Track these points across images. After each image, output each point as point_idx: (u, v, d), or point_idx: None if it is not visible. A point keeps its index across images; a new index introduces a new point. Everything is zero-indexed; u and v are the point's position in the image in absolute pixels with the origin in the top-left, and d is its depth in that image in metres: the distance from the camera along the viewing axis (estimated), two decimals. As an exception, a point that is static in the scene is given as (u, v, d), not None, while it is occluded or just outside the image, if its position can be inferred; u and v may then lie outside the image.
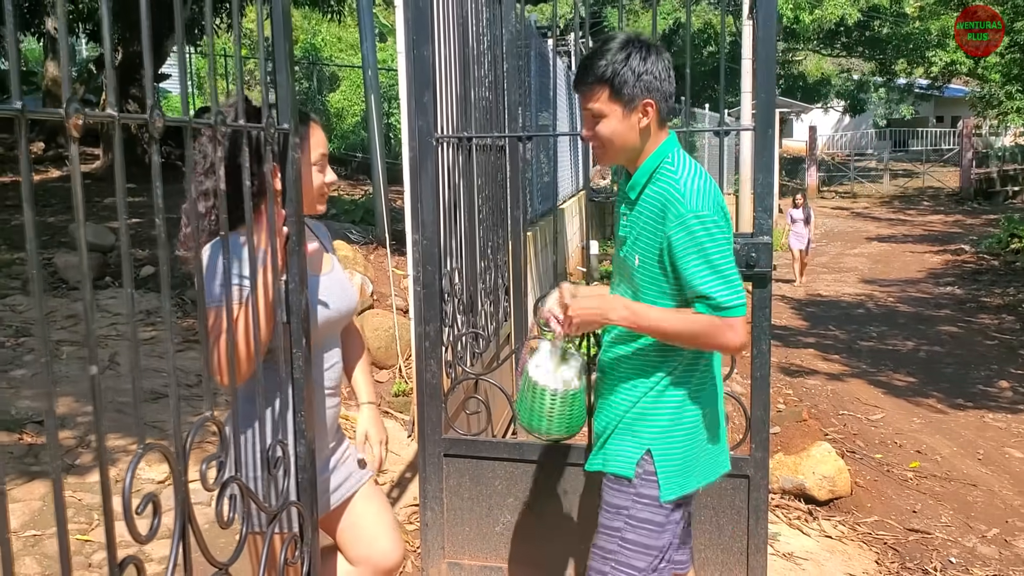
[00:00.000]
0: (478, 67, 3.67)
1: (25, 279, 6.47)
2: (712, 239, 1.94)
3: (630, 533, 2.06)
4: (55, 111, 1.12)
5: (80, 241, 1.18)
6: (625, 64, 1.95)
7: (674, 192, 1.97)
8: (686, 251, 1.95)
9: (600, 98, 1.98)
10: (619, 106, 1.98)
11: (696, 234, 1.94)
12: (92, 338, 1.20)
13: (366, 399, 2.29)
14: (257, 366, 1.74)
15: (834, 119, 37.64)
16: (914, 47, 28.13)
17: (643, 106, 1.98)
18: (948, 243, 17.76)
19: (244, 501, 1.62)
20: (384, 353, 5.42)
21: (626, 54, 1.96)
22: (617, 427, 2.11)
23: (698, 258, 1.95)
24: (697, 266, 1.95)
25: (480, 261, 3.62)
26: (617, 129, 2.00)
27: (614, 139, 2.01)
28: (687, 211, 1.94)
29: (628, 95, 1.96)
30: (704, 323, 1.98)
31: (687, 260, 1.95)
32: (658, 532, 2.06)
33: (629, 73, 1.95)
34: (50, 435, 1.13)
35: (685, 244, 1.94)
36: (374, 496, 2.26)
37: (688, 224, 1.93)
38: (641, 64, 1.96)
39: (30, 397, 4.43)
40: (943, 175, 30.34)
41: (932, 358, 8.70)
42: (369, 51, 7.12)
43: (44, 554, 3.21)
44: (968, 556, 4.28)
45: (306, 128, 2.00)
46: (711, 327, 1.97)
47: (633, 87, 1.96)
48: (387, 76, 14.01)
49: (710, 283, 1.95)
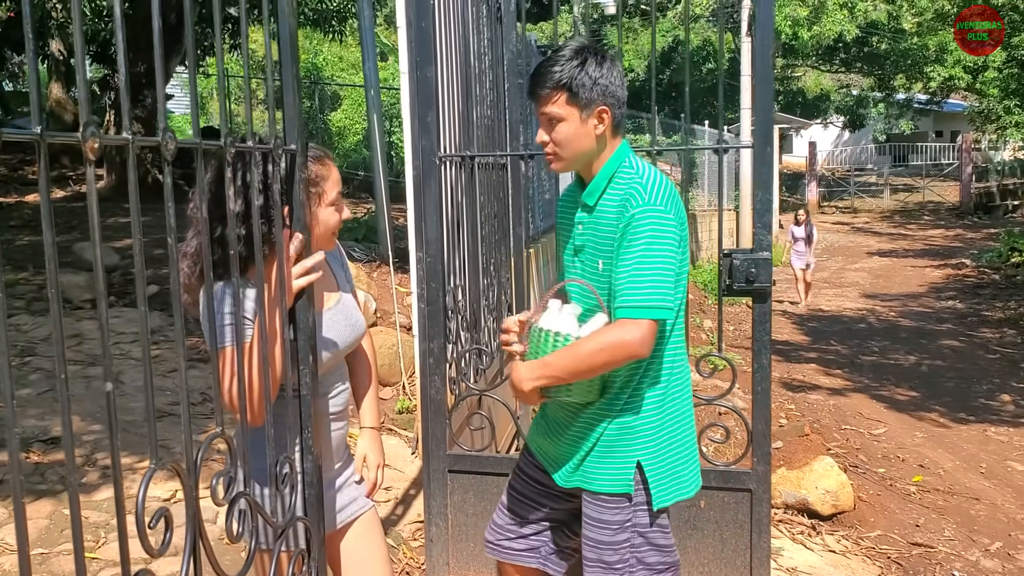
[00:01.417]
0: (480, 86, 3.71)
1: (29, 299, 6.50)
2: (658, 237, 1.94)
3: (638, 539, 2.07)
4: (73, 135, 1.15)
5: (96, 261, 1.21)
6: (582, 69, 1.99)
7: (635, 189, 1.98)
8: (629, 245, 1.95)
9: (558, 102, 2.00)
10: (576, 110, 2.00)
11: (643, 230, 1.94)
12: (108, 356, 1.23)
13: (369, 423, 2.31)
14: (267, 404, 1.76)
15: (834, 134, 37.75)
16: (912, 62, 28.27)
17: (598, 112, 2.01)
18: (949, 257, 17.80)
19: (252, 516, 1.64)
20: (388, 371, 5.44)
21: (581, 59, 2.00)
22: (596, 445, 2.08)
23: (635, 253, 1.94)
24: (628, 260, 1.95)
25: (483, 278, 3.65)
26: (572, 134, 2.02)
27: (569, 144, 2.03)
28: (641, 205, 1.95)
29: (585, 99, 1.99)
30: (610, 328, 1.98)
31: (626, 253, 1.95)
32: (666, 532, 2.10)
33: (586, 78, 1.99)
34: (68, 453, 1.15)
35: (631, 238, 1.95)
36: (372, 529, 2.24)
37: (637, 218, 1.94)
38: (597, 70, 2.00)
39: (35, 416, 4.45)
40: (943, 189, 30.42)
41: (934, 372, 8.72)
42: (371, 71, 7.18)
43: (51, 572, 3.23)
44: (971, 570, 4.28)
45: (325, 168, 2.02)
46: (615, 326, 1.96)
47: (590, 91, 1.99)
48: (388, 95, 14.10)
49: (633, 279, 1.94)
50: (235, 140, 1.60)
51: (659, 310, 1.94)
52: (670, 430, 2.09)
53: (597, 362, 1.97)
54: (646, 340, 1.94)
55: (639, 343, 1.93)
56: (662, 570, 2.11)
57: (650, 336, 1.94)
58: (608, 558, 2.09)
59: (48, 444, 4.16)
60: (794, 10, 24.45)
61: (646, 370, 2.07)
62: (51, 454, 4.07)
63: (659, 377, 2.08)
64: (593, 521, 2.10)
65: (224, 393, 1.84)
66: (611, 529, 2.08)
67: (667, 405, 2.09)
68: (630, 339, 1.93)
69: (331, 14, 13.61)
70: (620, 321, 1.95)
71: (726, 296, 2.73)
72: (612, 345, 1.95)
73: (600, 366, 1.98)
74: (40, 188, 1.12)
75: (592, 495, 2.10)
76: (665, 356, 2.09)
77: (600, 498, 2.09)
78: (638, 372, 2.07)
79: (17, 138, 1.09)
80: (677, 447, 2.10)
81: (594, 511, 2.10)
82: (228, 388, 1.84)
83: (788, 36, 24.90)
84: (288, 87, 1.90)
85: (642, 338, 1.93)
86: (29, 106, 1.13)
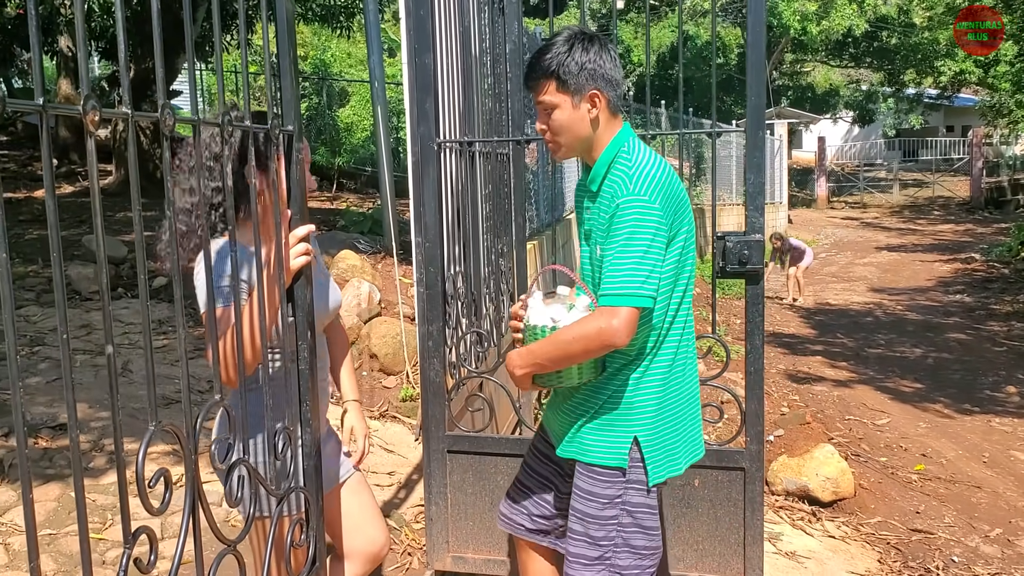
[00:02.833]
0: (482, 77, 3.76)
1: (39, 290, 6.59)
2: (640, 227, 1.96)
3: (627, 518, 2.09)
4: (74, 108, 1.21)
5: (96, 219, 1.26)
6: (568, 55, 2.03)
7: (623, 178, 2.02)
8: (613, 235, 1.98)
9: (548, 90, 2.05)
10: (567, 96, 2.05)
11: (625, 220, 1.96)
12: (108, 320, 1.29)
13: (351, 396, 2.39)
14: (264, 356, 1.83)
15: (843, 129, 37.66)
16: (923, 57, 28.19)
17: (590, 96, 2.05)
18: (958, 252, 17.75)
19: (252, 483, 1.70)
20: (392, 359, 5.50)
21: (569, 46, 2.04)
22: (594, 417, 2.11)
23: (616, 243, 1.97)
24: (611, 249, 1.98)
25: (485, 266, 3.70)
26: (567, 121, 2.06)
27: (565, 130, 2.08)
28: (625, 195, 1.98)
29: (574, 85, 2.03)
30: (589, 317, 2.01)
31: (609, 243, 1.99)
32: (653, 513, 2.12)
33: (573, 64, 2.03)
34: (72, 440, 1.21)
35: (614, 228, 1.98)
36: (359, 489, 2.35)
37: (621, 208, 1.97)
38: (584, 55, 2.03)
39: (44, 403, 4.53)
40: (953, 184, 30.32)
41: (940, 364, 8.73)
42: (376, 64, 7.22)
43: (59, 551, 3.30)
44: (971, 555, 4.31)
45: None
46: (593, 315, 2.00)
47: (578, 76, 2.03)
48: (395, 91, 14.15)
49: (613, 268, 1.96)
50: (232, 119, 1.65)
51: (637, 298, 1.95)
52: (670, 411, 2.12)
53: (576, 350, 2.01)
54: (622, 329, 1.94)
55: (614, 331, 1.94)
56: (646, 555, 2.13)
57: (628, 325, 1.95)
58: (594, 532, 2.11)
59: (56, 430, 4.23)
60: (803, 5, 24.44)
61: (645, 355, 2.10)
62: (59, 440, 4.14)
63: (658, 362, 2.11)
64: (583, 493, 2.13)
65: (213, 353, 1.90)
66: (600, 502, 2.10)
67: (669, 388, 2.12)
68: (606, 327, 1.95)
69: (339, 10, 13.65)
70: (600, 309, 1.98)
71: (721, 279, 2.77)
72: (588, 334, 1.98)
73: (579, 354, 2.02)
74: (43, 157, 1.18)
75: (585, 467, 2.13)
76: (666, 341, 2.12)
77: (593, 470, 2.11)
78: (637, 357, 2.10)
79: (20, 108, 1.15)
80: (674, 426, 2.13)
81: (585, 483, 2.13)
82: (221, 348, 1.88)
83: (797, 31, 24.87)
84: (285, 72, 1.95)
85: (618, 327, 1.94)
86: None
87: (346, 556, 2.31)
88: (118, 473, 1.29)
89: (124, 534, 1.28)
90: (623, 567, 2.11)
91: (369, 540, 2.31)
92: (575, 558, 2.14)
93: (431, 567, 3.10)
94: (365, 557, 2.31)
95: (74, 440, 1.21)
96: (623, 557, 2.11)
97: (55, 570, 3.19)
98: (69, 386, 1.20)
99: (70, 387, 1.20)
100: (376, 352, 5.52)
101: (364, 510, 2.33)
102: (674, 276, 2.08)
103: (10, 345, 1.12)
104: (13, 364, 1.13)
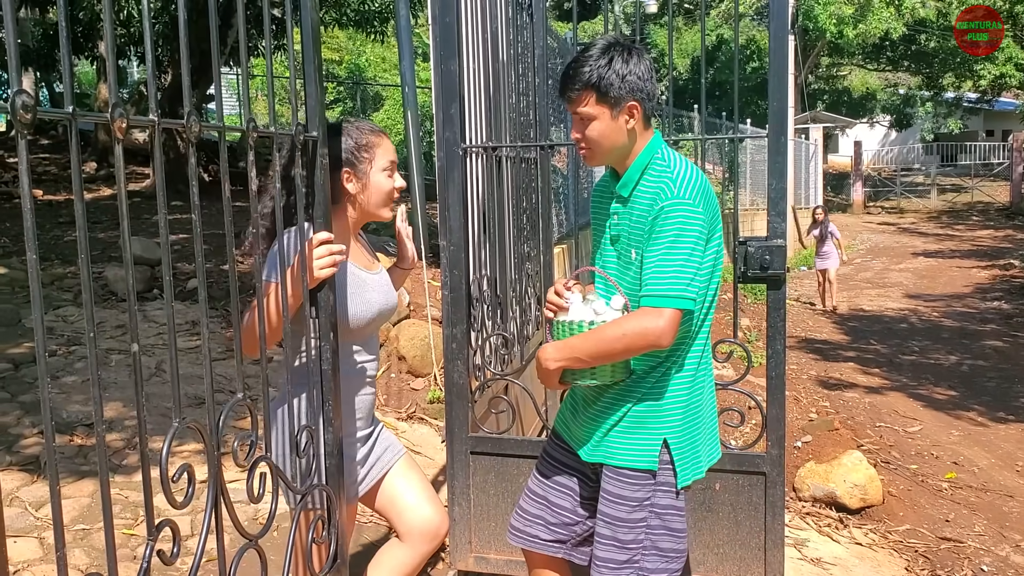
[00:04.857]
0: (509, 82, 3.79)
1: (77, 291, 6.72)
2: (685, 230, 1.99)
3: (655, 520, 2.10)
4: (101, 115, 1.26)
5: (123, 222, 1.31)
6: (609, 67, 2.03)
7: (666, 182, 2.04)
8: (657, 237, 2.00)
9: (588, 102, 2.06)
10: (606, 109, 2.06)
11: (671, 223, 1.99)
12: (133, 318, 1.34)
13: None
14: (286, 331, 1.92)
15: (880, 134, 37.23)
16: (962, 60, 27.76)
17: (629, 108, 2.06)
18: (997, 258, 17.47)
19: (274, 480, 1.74)
20: (420, 362, 5.55)
21: (608, 58, 2.04)
22: (623, 419, 2.13)
23: (662, 245, 1.99)
24: (655, 251, 2.00)
25: (512, 270, 3.73)
26: (605, 131, 2.08)
27: (603, 141, 2.09)
28: (670, 198, 2.00)
29: (614, 97, 2.04)
30: (633, 315, 2.03)
31: (653, 245, 2.01)
32: (681, 516, 2.13)
33: (614, 76, 2.03)
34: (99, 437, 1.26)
35: (659, 230, 2.00)
36: (409, 471, 2.40)
37: (666, 211, 1.99)
38: (624, 66, 2.04)
39: (80, 402, 4.63)
40: (993, 189, 29.84)
41: (975, 372, 8.61)
42: (407, 68, 7.27)
43: (92, 546, 3.37)
44: (1000, 564, 4.26)
45: (377, 137, 2.23)
46: (637, 314, 2.02)
47: (619, 89, 2.04)
48: (427, 95, 14.25)
49: (658, 269, 1.99)
50: (256, 127, 1.70)
51: (681, 300, 1.98)
52: (695, 414, 2.14)
53: (618, 347, 2.02)
54: (667, 329, 1.98)
55: (660, 332, 1.97)
56: (673, 558, 2.14)
57: (671, 326, 1.98)
58: (623, 536, 2.12)
59: (91, 428, 4.32)
60: (839, 8, 24.18)
61: (674, 357, 2.12)
62: (94, 437, 4.23)
63: (687, 364, 2.13)
64: (612, 496, 2.13)
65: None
66: (629, 506, 2.11)
67: (695, 391, 2.14)
68: (651, 327, 1.98)
69: (373, 15, 13.79)
70: (644, 309, 2.00)
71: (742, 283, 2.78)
72: (634, 332, 2.00)
73: (621, 351, 2.03)
74: (72, 163, 1.22)
75: (614, 470, 2.13)
76: (694, 345, 2.14)
77: (622, 473, 2.12)
78: (667, 359, 2.11)
79: (50, 116, 1.21)
80: (699, 428, 2.16)
81: (614, 486, 2.13)
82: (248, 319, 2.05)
83: (833, 34, 24.61)
84: (310, 78, 2.00)
85: (663, 327, 1.97)
86: (83, 107, 1.24)
87: (406, 538, 2.33)
88: (143, 467, 1.34)
89: (148, 526, 1.33)
90: (651, 570, 2.12)
91: (425, 519, 2.33)
92: (603, 562, 2.14)
93: (454, 567, 3.13)
94: (424, 537, 2.33)
95: (100, 435, 1.25)
96: (651, 560, 2.12)
97: (88, 564, 3.26)
98: (96, 383, 1.25)
99: (96, 384, 1.25)
100: (404, 354, 5.58)
101: (416, 491, 2.36)
102: (707, 280, 2.10)
103: (39, 343, 1.17)
104: (42, 361, 1.18)
